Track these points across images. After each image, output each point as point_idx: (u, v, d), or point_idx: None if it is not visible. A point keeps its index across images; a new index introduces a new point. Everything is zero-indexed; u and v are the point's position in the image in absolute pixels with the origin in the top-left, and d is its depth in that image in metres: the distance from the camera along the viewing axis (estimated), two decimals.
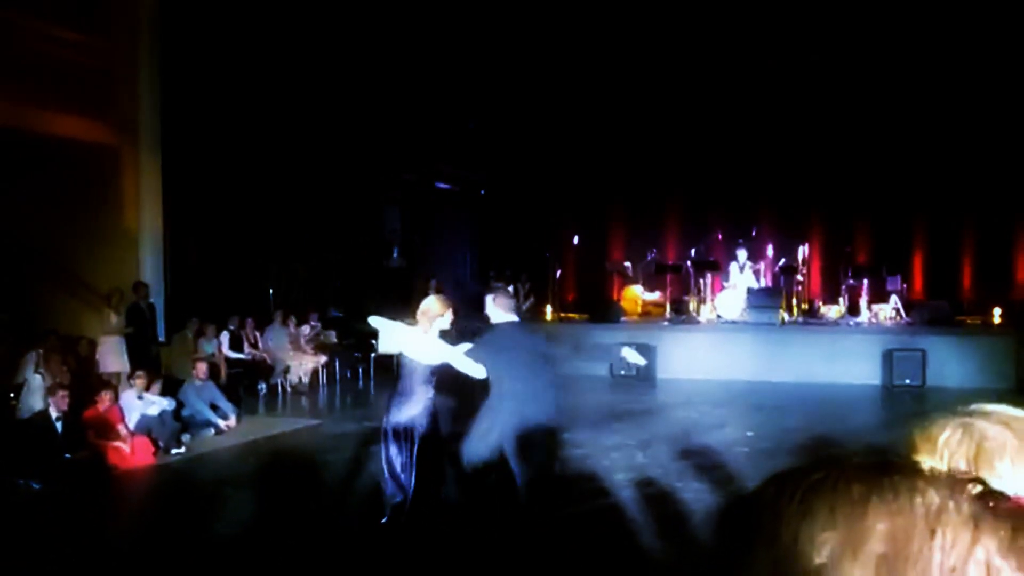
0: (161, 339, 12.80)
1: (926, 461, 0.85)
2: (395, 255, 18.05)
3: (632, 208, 19.57)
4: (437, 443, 6.43)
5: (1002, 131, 16.09)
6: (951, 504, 0.59)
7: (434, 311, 6.31)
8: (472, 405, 6.31)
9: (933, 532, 0.58)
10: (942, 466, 0.83)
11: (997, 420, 0.87)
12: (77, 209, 12.97)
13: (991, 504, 0.60)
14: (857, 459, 0.65)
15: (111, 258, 12.99)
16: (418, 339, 6.29)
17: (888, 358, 13.22)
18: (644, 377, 13.69)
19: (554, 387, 6.04)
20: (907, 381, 12.87)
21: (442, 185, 19.31)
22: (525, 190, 19.76)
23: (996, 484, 0.80)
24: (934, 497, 0.59)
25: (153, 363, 11.63)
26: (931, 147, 16.66)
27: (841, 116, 16.88)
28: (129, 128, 13.29)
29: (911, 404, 11.50)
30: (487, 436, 5.90)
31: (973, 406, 0.92)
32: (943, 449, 0.85)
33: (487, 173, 19.47)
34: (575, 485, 7.58)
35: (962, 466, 0.83)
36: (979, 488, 0.61)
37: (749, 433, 9.57)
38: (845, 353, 13.61)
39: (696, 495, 7.08)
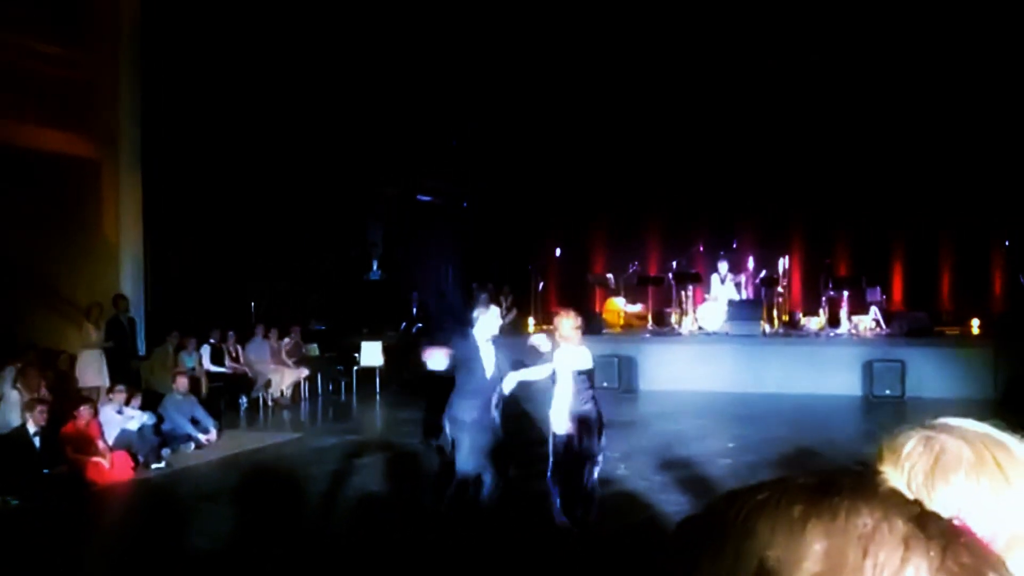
0: (141, 353, 12.73)
1: (889, 472, 0.86)
2: (375, 268, 18.03)
3: (614, 220, 19.64)
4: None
5: (980, 144, 16.29)
6: (885, 525, 0.60)
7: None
8: None
9: (866, 552, 0.59)
10: (902, 478, 0.84)
11: (958, 434, 0.88)
12: (57, 222, 12.89)
13: (925, 525, 0.61)
14: (803, 479, 0.66)
15: (91, 272, 12.92)
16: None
17: (868, 369, 13.30)
18: (626, 389, 13.73)
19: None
20: (887, 392, 12.96)
21: (424, 198, 19.33)
22: (507, 203, 19.79)
23: (951, 497, 0.82)
24: (869, 518, 0.61)
25: (133, 377, 11.56)
26: (910, 159, 16.82)
27: (821, 129, 17.03)
28: (109, 141, 13.24)
29: (891, 415, 11.57)
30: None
31: (940, 420, 0.93)
32: (904, 461, 0.86)
33: (470, 186, 19.50)
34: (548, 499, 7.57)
35: (920, 478, 0.84)
36: (916, 510, 0.63)
37: (731, 444, 9.61)
38: (826, 364, 13.69)
39: (677, 507, 7.10)
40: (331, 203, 16.89)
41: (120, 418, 9.30)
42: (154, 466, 9.10)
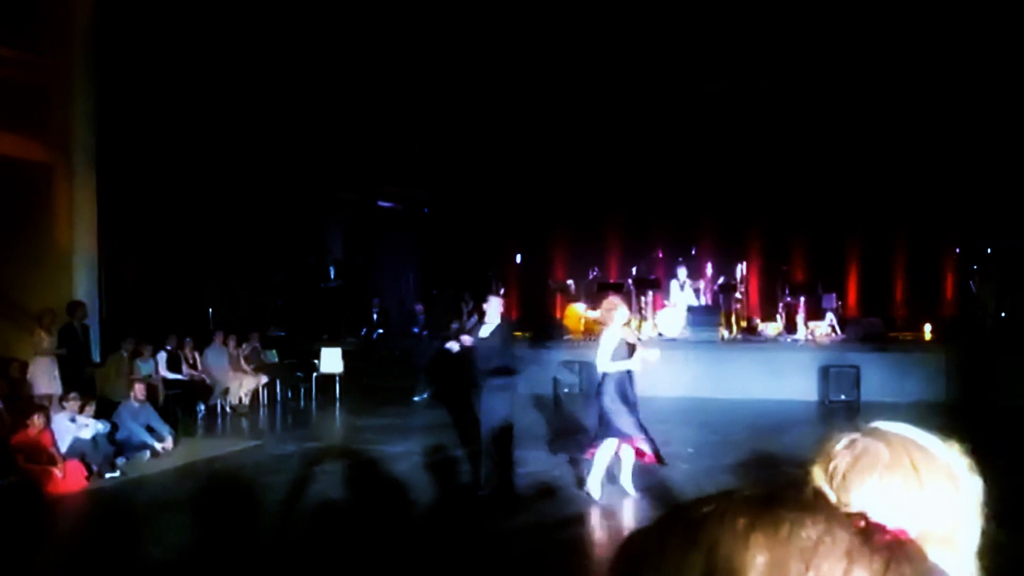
0: (95, 360, 12.52)
1: (816, 471, 0.90)
2: (332, 275, 17.95)
3: (574, 227, 19.73)
4: None
5: (932, 154, 16.63)
6: (828, 538, 0.61)
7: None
8: None
9: (808, 564, 0.59)
10: (825, 476, 0.88)
11: (882, 437, 0.92)
12: (8, 227, 12.63)
13: (868, 537, 0.62)
14: (747, 491, 0.67)
15: (43, 278, 12.68)
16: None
17: (824, 374, 13.50)
18: (587, 394, 13.77)
19: None
20: (842, 396, 13.15)
21: (385, 204, 19.27)
22: (468, 209, 19.81)
23: (864, 495, 0.85)
24: (812, 531, 0.61)
25: (87, 385, 11.35)
26: (865, 169, 17.13)
27: (778, 139, 17.28)
28: (63, 146, 13.02)
29: (846, 419, 11.74)
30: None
31: (873, 423, 0.97)
32: (830, 461, 0.90)
33: (430, 192, 19.48)
34: (518, 503, 7.60)
35: (839, 477, 0.87)
36: (860, 522, 0.64)
37: (690, 450, 9.68)
38: (783, 369, 13.86)
39: (637, 512, 7.15)
40: (290, 208, 16.78)
41: (73, 426, 9.13)
42: (108, 475, 8.95)
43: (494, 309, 8.23)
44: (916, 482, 0.87)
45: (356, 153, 17.23)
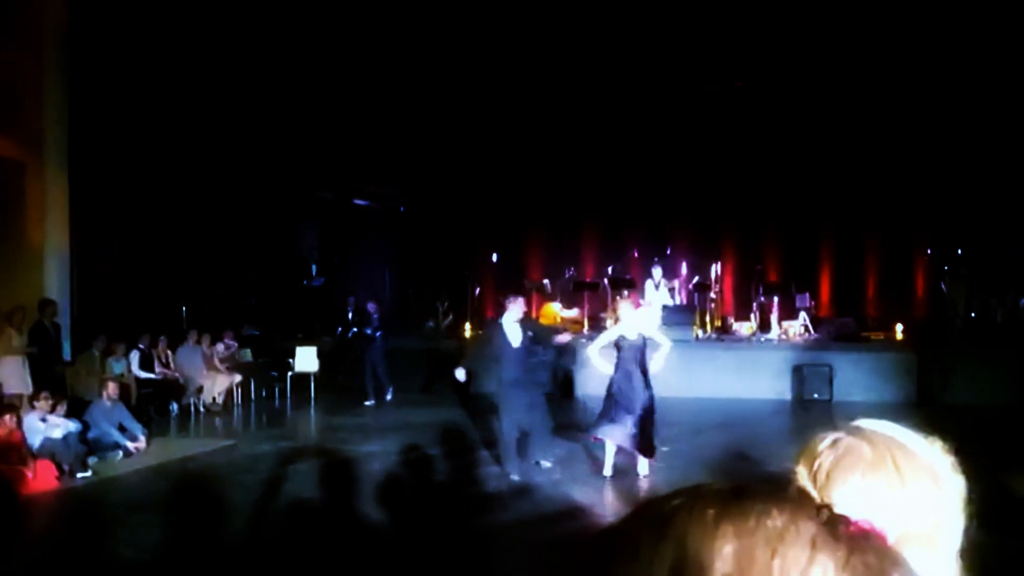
0: (67, 359, 12.38)
1: (800, 470, 0.91)
2: (314, 273, 17.83)
3: (550, 226, 19.77)
4: None
5: (904, 156, 16.82)
6: (793, 527, 0.62)
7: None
8: None
9: (774, 552, 0.61)
10: (810, 475, 0.89)
11: (864, 436, 0.93)
12: None
13: (833, 527, 0.63)
14: (716, 484, 0.68)
15: (14, 275, 12.53)
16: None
17: (798, 373, 13.61)
18: (563, 394, 13.81)
19: None
20: (815, 395, 13.27)
21: (361, 202, 19.20)
22: (444, 208, 19.79)
23: (847, 494, 0.86)
24: (778, 520, 0.63)
25: (58, 384, 11.22)
26: (838, 170, 17.30)
27: (752, 140, 17.41)
28: (35, 142, 12.86)
29: (819, 418, 11.85)
30: None
31: (857, 422, 0.98)
32: (815, 461, 0.91)
33: (406, 190, 19.43)
34: (492, 502, 7.61)
35: (822, 476, 0.89)
36: (824, 512, 0.65)
37: (664, 448, 9.72)
38: (757, 369, 13.96)
39: (611, 509, 7.18)
40: (265, 206, 16.67)
41: (44, 426, 9.02)
42: (80, 475, 8.85)
43: (517, 310, 8.76)
44: (898, 481, 0.88)
45: (332, 151, 17.15)
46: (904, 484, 0.88)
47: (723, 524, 0.63)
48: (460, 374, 8.90)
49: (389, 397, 13.81)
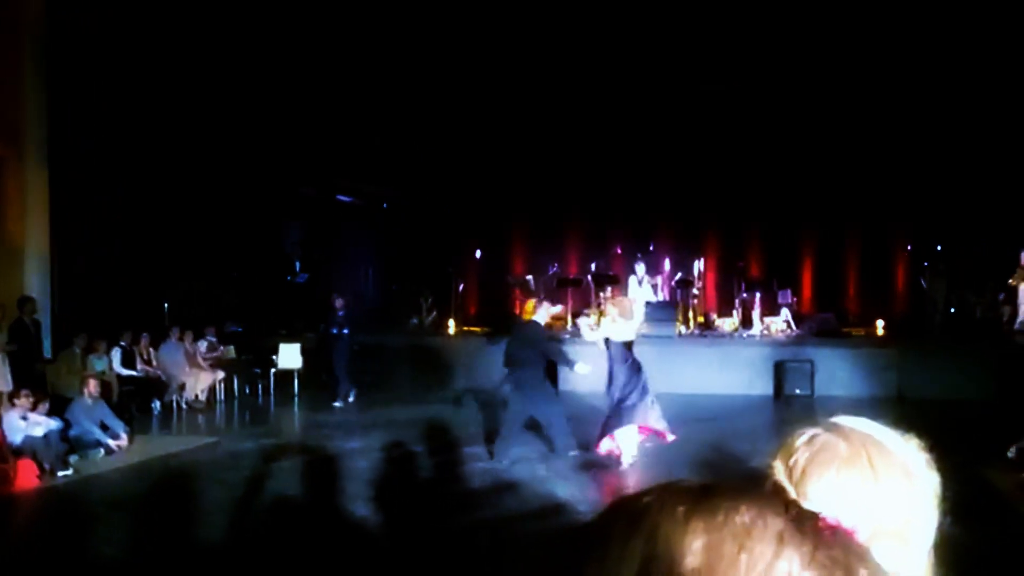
0: (47, 356, 12.29)
1: (777, 466, 0.93)
2: (298, 269, 17.75)
3: (534, 223, 19.79)
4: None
5: (885, 152, 16.94)
6: (761, 521, 0.64)
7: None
8: None
9: (742, 547, 0.62)
10: (786, 471, 0.91)
11: (839, 432, 0.95)
12: None
13: (800, 522, 0.65)
14: (687, 482, 0.70)
15: None
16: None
17: (779, 369, 13.69)
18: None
19: None
20: (797, 391, 13.35)
21: (344, 198, 19.13)
22: (428, 204, 19.77)
23: (822, 490, 0.88)
24: (747, 515, 0.64)
25: (38, 381, 11.14)
26: (819, 166, 17.40)
27: (733, 137, 17.47)
28: (14, 139, 12.75)
29: (800, 413, 11.93)
30: None
31: (834, 418, 0.99)
32: (791, 457, 0.93)
33: (390, 187, 19.39)
34: (476, 498, 7.62)
35: (798, 472, 0.91)
36: (793, 509, 0.67)
37: (647, 444, 9.75)
38: (739, 364, 14.03)
39: (594, 504, 7.20)
40: (248, 202, 16.58)
41: (25, 424, 8.96)
42: (61, 473, 8.79)
43: (545, 312, 9.92)
44: (872, 477, 0.90)
45: (315, 147, 17.08)
46: (877, 480, 0.90)
47: (693, 520, 0.64)
48: (583, 368, 9.55)
49: (351, 399, 13.33)
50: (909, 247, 18.20)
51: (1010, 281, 14.64)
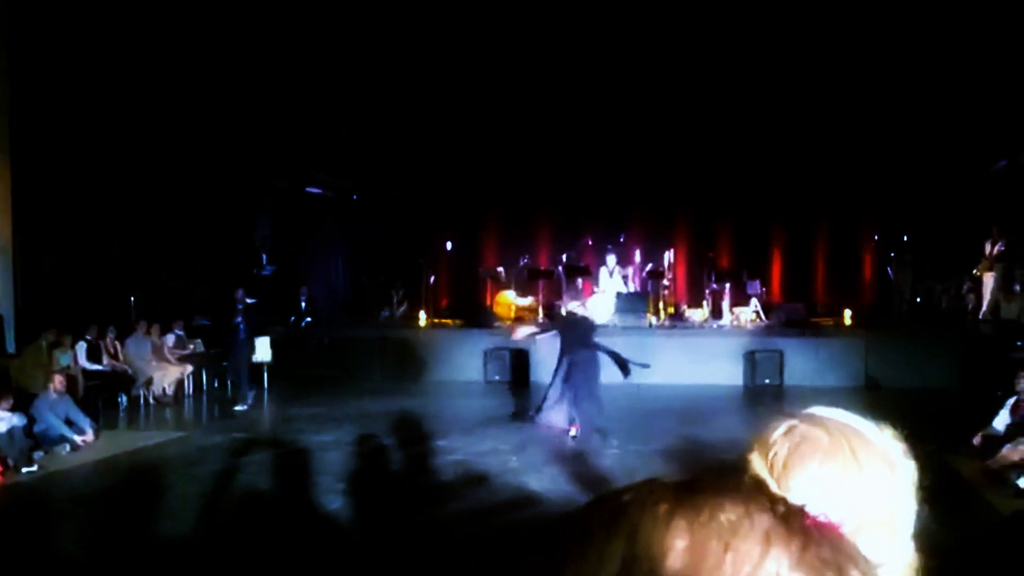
0: (10, 351, 12.09)
1: (755, 459, 0.91)
2: (264, 262, 17.58)
3: (504, 214, 19.78)
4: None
5: (853, 144, 17.09)
6: (747, 520, 0.62)
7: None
8: None
9: (727, 546, 0.60)
10: (766, 465, 0.89)
11: (818, 423, 0.93)
12: None
13: (788, 520, 0.63)
14: (668, 479, 0.68)
15: None
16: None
17: (749, 359, 13.80)
18: (518, 382, 13.85)
19: None
20: (767, 381, 13.48)
21: (314, 190, 18.98)
22: (399, 196, 19.68)
23: (806, 483, 0.86)
24: (732, 513, 0.62)
25: (2, 377, 10.96)
26: (788, 158, 17.54)
27: (703, 128, 17.55)
28: None
29: (770, 403, 12.05)
30: None
31: (810, 409, 0.98)
32: (770, 450, 0.91)
33: (360, 179, 19.27)
34: (448, 491, 7.60)
35: (779, 465, 0.88)
36: (780, 506, 0.64)
37: (619, 435, 9.80)
38: (709, 355, 14.11)
39: (567, 496, 7.21)
40: (217, 194, 16.40)
41: None
42: (25, 470, 8.65)
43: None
44: (855, 467, 0.88)
45: (285, 139, 16.92)
46: (861, 471, 0.88)
47: (676, 518, 0.62)
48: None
49: (247, 404, 12.48)
50: (876, 238, 18.41)
51: (975, 271, 14.90)
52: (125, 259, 14.64)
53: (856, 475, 0.87)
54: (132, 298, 14.86)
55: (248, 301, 13.08)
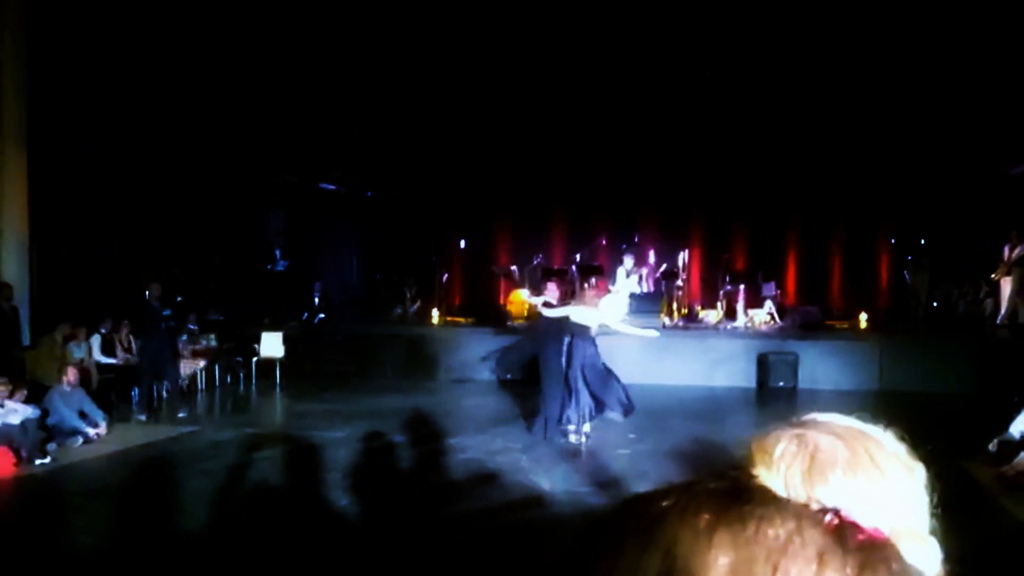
0: (25, 343, 12.15)
1: (763, 475, 0.84)
2: (278, 257, 17.61)
3: (518, 213, 19.74)
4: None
5: (870, 147, 16.97)
6: (798, 538, 0.56)
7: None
8: None
9: (776, 567, 0.55)
10: (779, 479, 0.82)
11: (829, 431, 0.86)
12: None
13: (842, 538, 0.57)
14: (712, 483, 0.62)
15: None
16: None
17: (763, 361, 13.70)
18: (530, 380, 13.80)
19: None
20: (781, 383, 13.38)
21: (327, 187, 19.01)
22: (412, 193, 19.68)
23: (831, 495, 0.81)
24: (781, 529, 0.57)
25: (16, 368, 11.01)
26: (805, 159, 17.43)
27: (720, 129, 17.46)
28: None
29: (784, 405, 11.97)
30: None
31: (806, 416, 0.92)
32: (779, 462, 0.83)
33: (374, 175, 19.29)
34: (459, 489, 7.58)
35: (797, 479, 0.81)
36: (833, 521, 0.59)
37: (631, 435, 9.75)
38: (723, 357, 14.03)
39: (577, 498, 7.18)
40: (231, 190, 16.45)
41: (2, 411, 8.85)
42: (38, 461, 8.69)
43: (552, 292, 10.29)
44: (879, 474, 0.83)
45: (298, 135, 16.95)
46: (884, 476, 0.83)
47: (719, 532, 0.56)
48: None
49: (183, 413, 11.66)
50: (893, 241, 18.28)
51: (992, 275, 14.77)
52: (140, 253, 14.69)
53: (881, 481, 0.82)
54: (146, 292, 14.89)
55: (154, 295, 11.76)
